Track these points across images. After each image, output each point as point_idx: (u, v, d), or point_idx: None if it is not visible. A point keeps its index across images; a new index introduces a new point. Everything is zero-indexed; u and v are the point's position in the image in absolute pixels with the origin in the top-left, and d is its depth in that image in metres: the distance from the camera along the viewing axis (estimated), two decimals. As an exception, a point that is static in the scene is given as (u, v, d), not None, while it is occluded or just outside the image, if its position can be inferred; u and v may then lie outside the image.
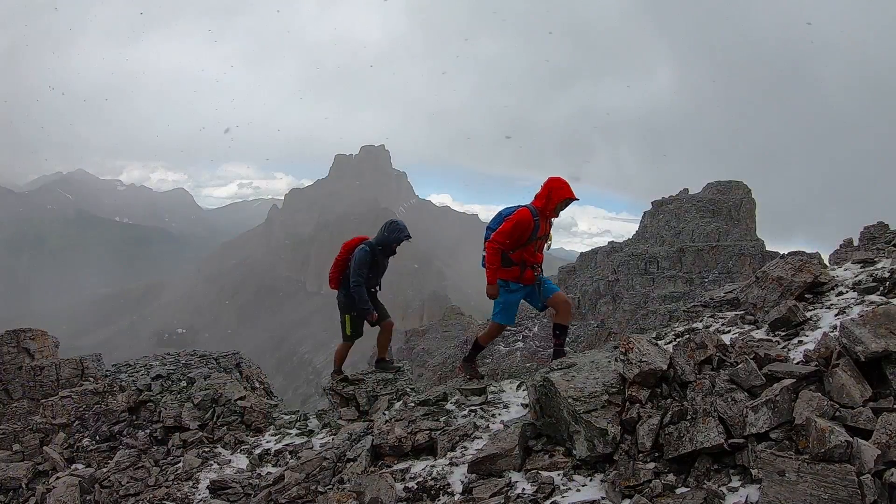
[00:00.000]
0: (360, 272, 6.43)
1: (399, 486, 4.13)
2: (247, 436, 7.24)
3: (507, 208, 5.53)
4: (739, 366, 3.30)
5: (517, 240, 5.26)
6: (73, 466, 7.27)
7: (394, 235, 6.54)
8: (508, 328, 45.99)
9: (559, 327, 5.56)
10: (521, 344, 42.10)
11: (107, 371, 10.18)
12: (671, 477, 3.11)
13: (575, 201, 5.32)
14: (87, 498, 6.37)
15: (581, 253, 49.85)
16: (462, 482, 3.96)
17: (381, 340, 7.13)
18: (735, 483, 2.91)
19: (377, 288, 6.90)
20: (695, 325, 5.03)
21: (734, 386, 3.23)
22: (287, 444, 6.70)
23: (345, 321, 6.72)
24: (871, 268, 4.55)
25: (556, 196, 5.24)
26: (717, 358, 3.61)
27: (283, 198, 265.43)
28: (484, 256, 5.41)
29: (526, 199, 5.51)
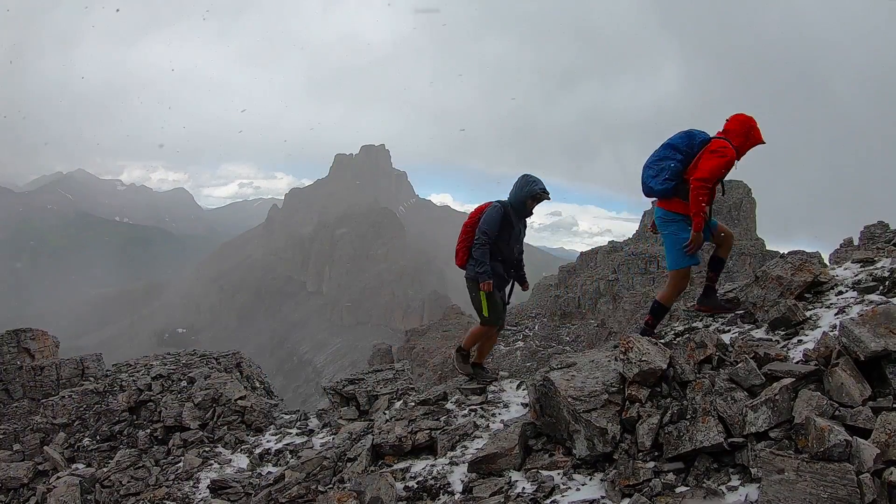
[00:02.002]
0: (486, 228, 5.24)
1: (399, 485, 4.14)
2: (247, 435, 7.24)
3: (698, 131, 4.65)
4: (739, 365, 3.31)
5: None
6: (74, 466, 7.28)
7: (527, 189, 5.33)
8: (509, 326, 45.93)
9: (720, 260, 4.88)
10: (521, 343, 42.08)
11: (107, 371, 10.19)
12: (671, 476, 3.12)
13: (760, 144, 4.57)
14: (88, 498, 6.37)
15: (581, 252, 49.76)
16: (462, 481, 3.97)
17: (487, 344, 5.79)
18: (734, 482, 2.92)
19: (513, 267, 5.59)
20: (694, 325, 5.03)
21: (734, 385, 3.24)
22: (287, 444, 6.71)
23: (481, 300, 5.37)
24: (871, 267, 4.55)
25: (754, 138, 4.50)
26: (716, 357, 3.62)
27: (283, 198, 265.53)
28: (659, 188, 4.58)
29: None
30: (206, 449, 6.85)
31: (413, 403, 5.57)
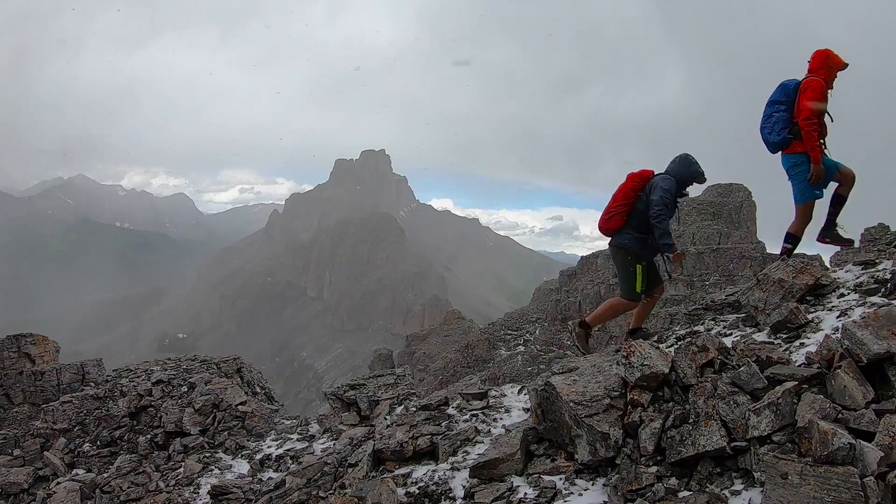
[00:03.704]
0: (668, 199, 4.96)
1: (400, 490, 4.12)
2: (248, 441, 7.22)
3: (788, 80, 5.04)
4: (741, 368, 3.30)
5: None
6: (74, 471, 7.26)
7: (692, 170, 5.13)
8: (510, 331, 45.93)
9: (840, 197, 5.19)
10: (522, 348, 42.01)
11: (107, 376, 10.18)
12: (673, 480, 3.10)
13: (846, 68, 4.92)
14: (88, 503, 6.36)
15: (582, 257, 49.69)
16: (464, 487, 3.95)
17: (645, 308, 5.44)
18: (738, 486, 2.90)
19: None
20: (696, 329, 5.02)
21: (736, 389, 3.23)
22: (288, 450, 6.69)
23: (635, 272, 5.07)
24: (872, 269, 4.54)
25: (835, 63, 4.87)
26: (718, 361, 3.60)
27: (283, 203, 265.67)
28: (778, 139, 4.97)
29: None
30: (207, 454, 6.84)
31: (414, 408, 5.56)
